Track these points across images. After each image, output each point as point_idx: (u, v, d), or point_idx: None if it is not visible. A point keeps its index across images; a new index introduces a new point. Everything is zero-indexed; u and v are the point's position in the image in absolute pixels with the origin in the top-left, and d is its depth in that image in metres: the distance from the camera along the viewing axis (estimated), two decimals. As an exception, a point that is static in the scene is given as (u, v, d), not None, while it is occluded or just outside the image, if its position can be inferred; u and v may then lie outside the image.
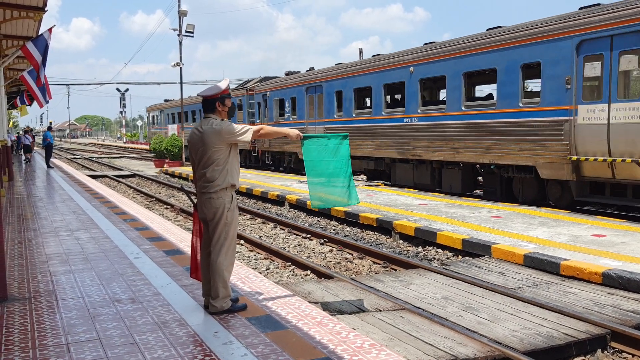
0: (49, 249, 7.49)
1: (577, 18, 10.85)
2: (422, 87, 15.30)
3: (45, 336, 4.24)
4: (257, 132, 4.77)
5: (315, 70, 21.29)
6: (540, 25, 11.68)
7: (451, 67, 13.91)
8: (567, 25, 11.00)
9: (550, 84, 11.35)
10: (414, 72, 15.11)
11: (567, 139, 10.90)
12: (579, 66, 10.79)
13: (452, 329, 5.16)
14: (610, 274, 6.47)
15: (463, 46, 13.63)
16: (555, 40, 11.19)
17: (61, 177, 20.36)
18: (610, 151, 10.22)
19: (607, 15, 10.22)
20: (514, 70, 12.18)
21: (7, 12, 12.85)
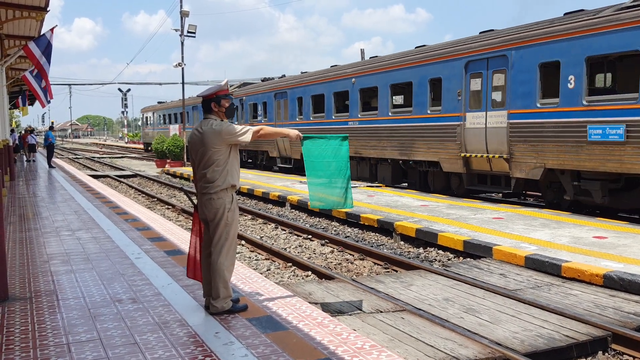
0: (50, 249, 7.49)
1: (465, 43, 13.73)
2: (361, 95, 18.07)
3: (46, 336, 4.24)
4: (257, 133, 4.76)
5: (283, 79, 24.54)
6: (441, 47, 14.56)
7: (381, 80, 16.76)
8: (459, 49, 13.77)
9: (447, 95, 14.02)
10: (355, 83, 18.00)
11: (459, 140, 13.56)
12: (467, 81, 13.47)
13: (453, 330, 5.16)
14: (611, 276, 6.47)
15: (389, 62, 16.51)
16: (451, 60, 13.95)
17: (63, 177, 20.38)
18: (487, 149, 12.85)
19: (483, 42, 13.09)
20: (424, 83, 14.92)
21: (9, 12, 12.87)
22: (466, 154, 13.37)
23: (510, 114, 12.22)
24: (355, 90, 17.99)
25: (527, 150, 11.84)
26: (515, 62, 12.15)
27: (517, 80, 12.11)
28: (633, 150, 9.78)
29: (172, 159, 30.50)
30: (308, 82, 20.95)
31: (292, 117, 22.04)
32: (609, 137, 10.20)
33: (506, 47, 12.40)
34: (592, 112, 10.58)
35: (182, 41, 30.49)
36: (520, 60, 12.07)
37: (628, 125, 9.86)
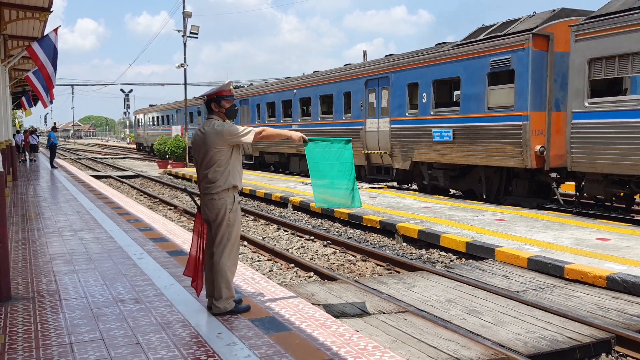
0: (53, 249, 7.50)
1: (366, 66, 18.21)
2: (301, 103, 22.30)
3: (49, 336, 4.24)
4: (259, 134, 4.76)
5: (246, 87, 28.93)
6: (352, 69, 18.97)
7: (313, 92, 21.16)
8: (362, 70, 18.19)
9: (355, 105, 18.37)
10: (296, 93, 22.30)
11: (362, 140, 17.66)
12: (366, 95, 17.81)
13: (455, 331, 5.15)
14: (614, 278, 6.45)
15: (318, 78, 20.98)
16: (357, 79, 18.34)
17: (65, 178, 20.41)
18: (379, 147, 16.96)
19: (377, 66, 17.47)
20: (340, 96, 19.27)
21: (12, 13, 12.89)
22: (367, 150, 17.64)
23: (391, 120, 16.51)
24: (297, 100, 22.31)
25: (401, 148, 15.94)
26: (394, 82, 16.42)
27: (395, 96, 16.35)
28: (458, 147, 13.86)
29: (174, 160, 30.53)
30: (264, 91, 25.72)
31: (253, 120, 26.39)
32: (443, 138, 14.21)
33: (388, 70, 16.80)
34: (435, 120, 14.77)
35: (184, 42, 30.55)
36: (396, 81, 16.35)
37: (454, 130, 13.98)
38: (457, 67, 14.02)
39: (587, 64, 10.93)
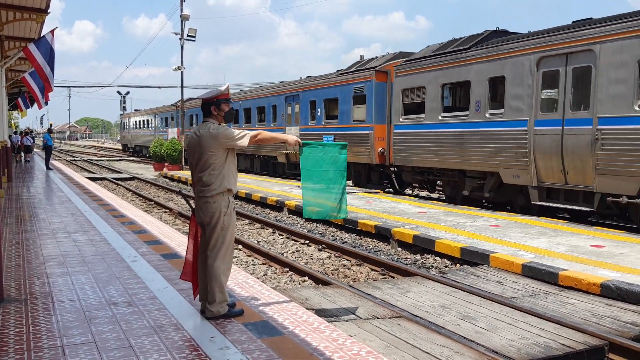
0: (46, 251, 7.47)
1: (286, 86, 24.24)
2: (244, 112, 27.75)
3: (41, 338, 4.21)
4: (255, 138, 4.75)
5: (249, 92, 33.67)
6: (276, 87, 25.47)
7: (251, 103, 26.85)
8: (283, 88, 23.96)
9: (279, 115, 23.81)
10: (241, 104, 27.55)
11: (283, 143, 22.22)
12: (285, 108, 23.31)
13: (449, 337, 5.14)
14: (608, 285, 6.46)
15: (256, 94, 26.91)
16: (280, 95, 23.89)
17: (60, 179, 20.35)
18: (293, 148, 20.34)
19: (292, 86, 23.22)
20: (270, 108, 24.63)
21: (9, 14, 12.86)
22: (287, 151, 22.27)
23: (300, 127, 21.71)
24: (241, 109, 27.61)
25: None
26: (302, 99, 21.89)
27: (303, 109, 21.73)
28: None
29: (170, 163, 30.48)
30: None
31: None
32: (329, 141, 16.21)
33: (299, 90, 22.18)
34: (325, 128, 20.03)
35: (182, 45, 30.52)
36: (303, 98, 21.82)
37: (335, 136, 19.20)
38: (336, 90, 19.59)
39: (401, 93, 16.30)
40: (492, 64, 13.18)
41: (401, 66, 16.41)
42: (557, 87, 11.81)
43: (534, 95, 12.09)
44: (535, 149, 11.93)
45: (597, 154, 10.57)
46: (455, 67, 14.26)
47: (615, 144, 10.39)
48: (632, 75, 10.16)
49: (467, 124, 13.83)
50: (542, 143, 11.81)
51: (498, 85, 13.65)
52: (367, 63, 19.12)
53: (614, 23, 10.60)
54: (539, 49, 12.06)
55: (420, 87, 15.48)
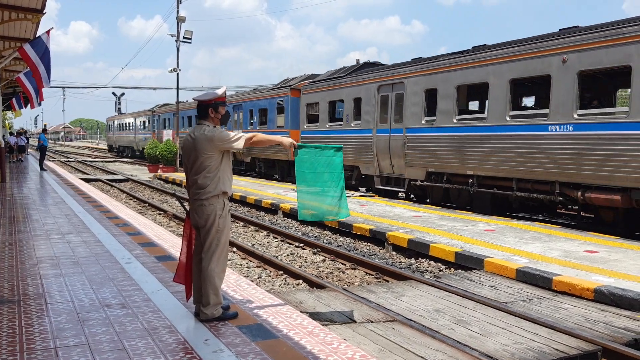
0: (40, 252, 7.43)
1: (231, 97, 27.80)
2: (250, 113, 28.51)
3: (34, 340, 4.19)
4: (250, 140, 4.74)
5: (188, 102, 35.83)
6: (232, 97, 28.32)
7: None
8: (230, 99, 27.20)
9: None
10: None
11: None
12: (232, 115, 27.19)
13: (443, 341, 5.14)
14: (602, 290, 6.48)
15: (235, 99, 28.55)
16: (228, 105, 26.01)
17: (54, 180, 20.27)
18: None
19: (235, 97, 27.73)
20: (255, 112, 26.04)
21: (5, 14, 12.83)
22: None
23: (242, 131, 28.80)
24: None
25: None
26: (244, 108, 26.70)
27: (245, 116, 26.58)
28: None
29: (165, 164, 30.42)
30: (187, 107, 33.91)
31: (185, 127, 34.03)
32: None
33: (242, 101, 27.15)
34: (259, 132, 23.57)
35: (177, 47, 30.49)
36: (245, 107, 26.67)
37: None
38: (267, 102, 24.52)
39: (305, 106, 21.18)
40: (355, 88, 18.14)
41: (306, 86, 21.48)
42: (387, 106, 16.57)
43: (376, 112, 16.93)
44: (376, 149, 16.87)
45: (405, 152, 15.56)
46: (335, 89, 19.37)
47: (413, 146, 15.34)
48: (421, 100, 15.08)
49: (342, 131, 18.76)
50: (379, 145, 16.76)
51: (360, 104, 17.89)
52: (289, 82, 24.16)
53: (414, 65, 15.69)
54: (378, 80, 16.99)
55: (316, 102, 20.56)
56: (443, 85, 14.33)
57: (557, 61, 11.32)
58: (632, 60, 9.92)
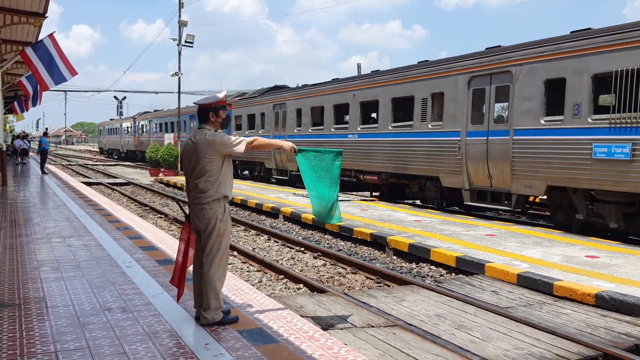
0: (41, 256, 7.43)
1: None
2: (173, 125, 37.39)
3: (34, 343, 4.19)
4: (251, 144, 4.75)
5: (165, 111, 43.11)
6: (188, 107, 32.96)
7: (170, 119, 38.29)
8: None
9: None
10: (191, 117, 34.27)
11: None
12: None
13: (444, 347, 5.14)
14: (603, 296, 6.47)
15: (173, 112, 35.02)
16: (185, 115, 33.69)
17: (55, 184, 20.29)
18: None
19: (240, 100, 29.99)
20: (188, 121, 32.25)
21: (7, 17, 12.88)
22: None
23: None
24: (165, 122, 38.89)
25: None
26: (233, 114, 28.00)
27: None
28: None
29: (166, 168, 30.44)
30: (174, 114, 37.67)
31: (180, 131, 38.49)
32: None
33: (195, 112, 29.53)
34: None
35: (179, 51, 30.54)
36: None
37: None
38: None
39: (234, 117, 26.53)
40: (261, 106, 24.39)
41: (235, 102, 27.16)
42: (278, 119, 22.95)
43: (273, 122, 23.19)
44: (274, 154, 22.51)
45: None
46: (251, 106, 25.53)
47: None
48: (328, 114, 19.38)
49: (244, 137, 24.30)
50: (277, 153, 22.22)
51: (263, 117, 24.04)
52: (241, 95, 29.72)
53: (296, 90, 21.97)
54: (272, 101, 23.41)
55: (239, 115, 26.67)
56: (328, 105, 19.23)
57: (382, 91, 16.37)
58: (414, 92, 14.94)
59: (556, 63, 11.07)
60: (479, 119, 12.99)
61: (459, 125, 13.36)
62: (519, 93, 11.82)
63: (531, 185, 11.58)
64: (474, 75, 12.96)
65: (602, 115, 10.30)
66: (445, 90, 13.85)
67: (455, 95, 13.47)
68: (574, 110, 10.71)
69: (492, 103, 12.68)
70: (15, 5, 11.98)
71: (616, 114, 9.94)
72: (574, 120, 10.71)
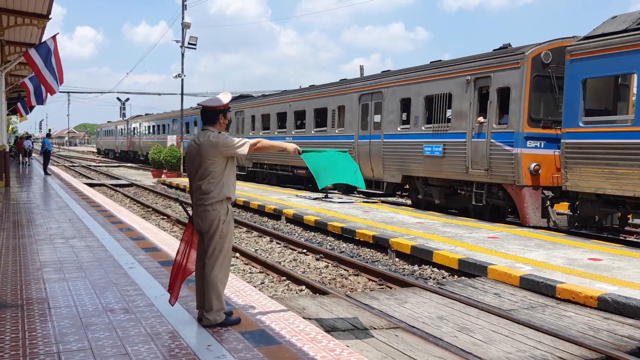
0: (44, 257, 7.45)
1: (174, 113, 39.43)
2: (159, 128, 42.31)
3: (37, 344, 4.20)
4: (254, 146, 4.75)
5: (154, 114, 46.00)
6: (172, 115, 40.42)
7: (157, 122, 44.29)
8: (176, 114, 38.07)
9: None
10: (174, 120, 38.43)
11: None
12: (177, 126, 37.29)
13: (446, 349, 5.13)
14: (605, 299, 6.46)
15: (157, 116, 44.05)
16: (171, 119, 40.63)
17: (58, 185, 20.32)
18: None
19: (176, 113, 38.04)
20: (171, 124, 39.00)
21: (10, 18, 12.91)
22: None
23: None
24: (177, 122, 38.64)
25: None
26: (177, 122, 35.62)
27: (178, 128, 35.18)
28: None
29: (169, 170, 30.48)
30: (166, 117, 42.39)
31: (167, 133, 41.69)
32: None
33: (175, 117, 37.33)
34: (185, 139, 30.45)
35: (182, 52, 30.59)
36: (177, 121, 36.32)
37: None
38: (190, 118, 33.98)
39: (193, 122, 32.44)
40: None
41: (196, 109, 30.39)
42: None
43: (234, 126, 26.36)
44: None
45: None
46: None
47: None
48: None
49: None
50: None
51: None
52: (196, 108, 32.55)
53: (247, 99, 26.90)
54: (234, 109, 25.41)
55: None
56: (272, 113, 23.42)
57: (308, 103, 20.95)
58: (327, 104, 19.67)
59: (406, 87, 15.62)
60: (365, 126, 17.40)
61: (353, 130, 17.94)
62: (387, 107, 16.28)
63: (393, 175, 15.94)
64: (362, 93, 17.65)
65: (430, 125, 14.54)
66: (345, 104, 18.50)
67: (351, 108, 18.10)
68: (415, 121, 15.17)
69: (372, 114, 17.22)
70: (19, 6, 12.02)
71: (435, 124, 14.29)
72: (414, 128, 15.14)
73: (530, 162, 11.93)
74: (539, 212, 12.03)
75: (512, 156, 12.09)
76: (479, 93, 13.20)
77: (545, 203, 12.00)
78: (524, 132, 11.96)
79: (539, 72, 11.98)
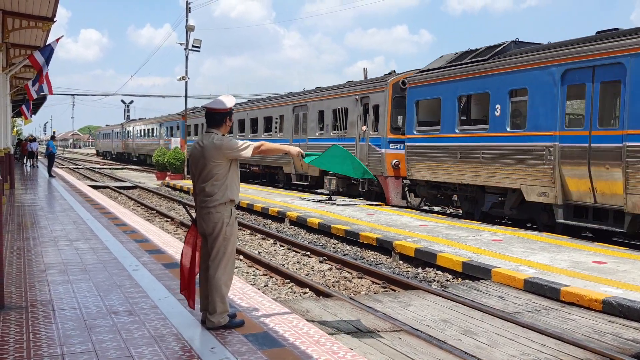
0: (48, 259, 7.46)
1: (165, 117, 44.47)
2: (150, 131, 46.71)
3: (41, 346, 4.20)
4: (258, 149, 4.75)
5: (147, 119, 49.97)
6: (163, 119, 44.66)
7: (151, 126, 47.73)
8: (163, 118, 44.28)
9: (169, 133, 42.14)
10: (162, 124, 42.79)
11: None
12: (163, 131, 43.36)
13: (450, 352, 5.12)
14: (610, 302, 6.43)
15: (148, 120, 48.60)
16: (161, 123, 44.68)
17: (62, 187, 20.37)
18: None
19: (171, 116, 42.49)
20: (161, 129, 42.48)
21: (15, 21, 12.95)
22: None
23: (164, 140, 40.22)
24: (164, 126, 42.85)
25: None
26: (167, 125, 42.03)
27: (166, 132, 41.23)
28: None
29: (173, 172, 30.52)
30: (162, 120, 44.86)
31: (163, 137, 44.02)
32: None
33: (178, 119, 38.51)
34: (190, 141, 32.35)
35: (186, 55, 30.67)
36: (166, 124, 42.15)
37: None
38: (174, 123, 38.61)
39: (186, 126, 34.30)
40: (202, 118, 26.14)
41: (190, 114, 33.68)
42: None
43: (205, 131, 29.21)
44: None
45: None
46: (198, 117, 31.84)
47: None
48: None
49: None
50: None
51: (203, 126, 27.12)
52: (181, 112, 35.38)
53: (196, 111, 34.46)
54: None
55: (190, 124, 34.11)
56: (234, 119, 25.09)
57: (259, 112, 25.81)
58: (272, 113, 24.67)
59: (321, 102, 20.52)
60: (297, 131, 21.86)
61: (289, 135, 22.36)
62: (310, 117, 21.03)
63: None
64: (295, 105, 22.35)
65: (335, 131, 19.41)
66: (284, 114, 23.01)
67: (288, 117, 22.60)
68: (326, 128, 20.05)
69: (301, 122, 21.73)
70: (24, 9, 12.05)
71: (338, 130, 19.35)
72: (326, 133, 19.86)
73: (392, 159, 16.62)
74: (399, 196, 16.72)
75: (380, 155, 16.87)
76: (363, 108, 17.97)
77: (404, 189, 16.66)
78: (387, 137, 16.76)
79: (398, 94, 16.57)
